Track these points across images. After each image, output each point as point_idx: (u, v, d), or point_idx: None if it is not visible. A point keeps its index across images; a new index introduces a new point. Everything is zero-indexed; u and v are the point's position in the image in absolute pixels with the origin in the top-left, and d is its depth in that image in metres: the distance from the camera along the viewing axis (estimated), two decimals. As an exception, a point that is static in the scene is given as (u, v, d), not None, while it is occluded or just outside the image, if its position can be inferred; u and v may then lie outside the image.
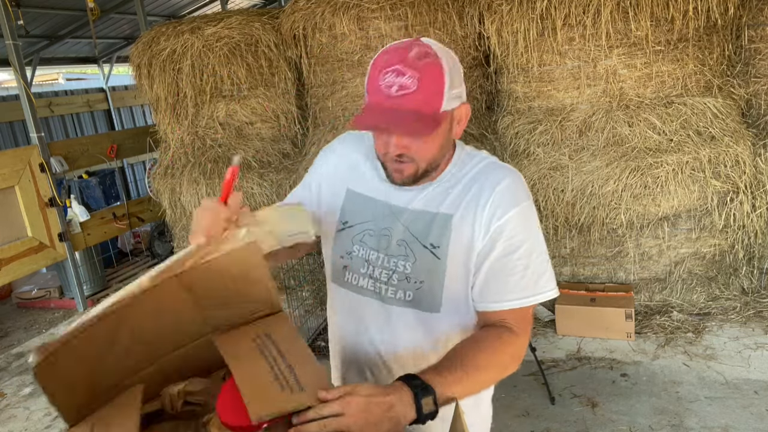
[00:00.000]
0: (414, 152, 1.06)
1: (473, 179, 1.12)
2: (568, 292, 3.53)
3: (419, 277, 1.12)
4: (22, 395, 3.63)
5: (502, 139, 3.88)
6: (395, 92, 0.99)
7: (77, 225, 5.05)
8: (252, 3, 9.64)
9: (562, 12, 3.38)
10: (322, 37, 4.04)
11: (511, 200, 1.08)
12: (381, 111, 1.01)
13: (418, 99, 0.99)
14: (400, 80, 0.99)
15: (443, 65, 1.02)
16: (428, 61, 1.00)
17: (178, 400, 0.99)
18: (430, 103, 1.00)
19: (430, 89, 1.00)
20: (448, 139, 1.09)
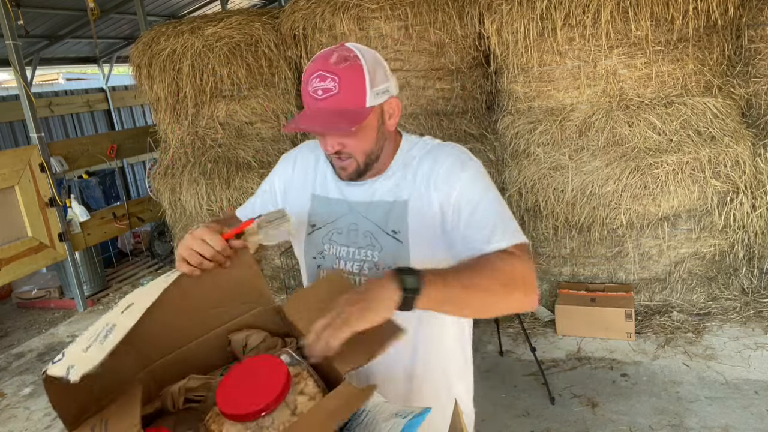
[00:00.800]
0: (350, 149, 1.15)
1: (420, 163, 1.21)
2: (568, 292, 3.53)
3: (387, 263, 1.19)
4: (22, 395, 3.63)
5: (502, 139, 3.88)
6: (320, 96, 1.09)
7: (77, 225, 5.05)
8: (252, 3, 9.64)
9: (562, 12, 3.38)
10: (322, 37, 4.04)
11: (458, 169, 1.17)
12: (309, 114, 1.11)
13: (340, 99, 1.08)
14: (323, 84, 1.09)
15: (363, 66, 1.10)
16: (347, 65, 1.09)
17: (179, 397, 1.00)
18: (352, 101, 1.09)
19: (351, 89, 1.09)
20: (382, 131, 1.18)
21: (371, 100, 1.11)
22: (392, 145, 1.23)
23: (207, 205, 4.42)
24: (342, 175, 1.21)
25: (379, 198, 1.21)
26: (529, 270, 1.09)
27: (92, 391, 0.97)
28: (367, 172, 1.20)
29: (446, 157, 1.20)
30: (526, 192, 3.61)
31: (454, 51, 3.93)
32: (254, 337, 1.09)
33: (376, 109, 1.14)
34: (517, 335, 3.49)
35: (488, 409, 2.81)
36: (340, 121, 1.08)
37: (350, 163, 1.17)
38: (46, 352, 4.26)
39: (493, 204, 1.15)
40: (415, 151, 1.23)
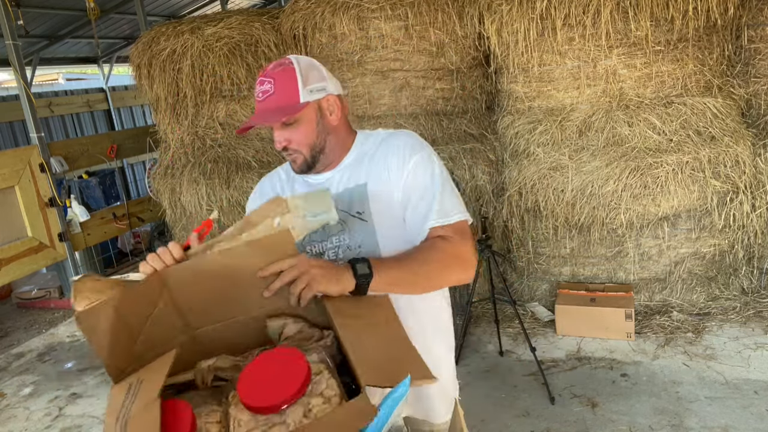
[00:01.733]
0: (294, 143, 1.30)
1: (375, 151, 1.35)
2: (568, 292, 3.54)
3: (357, 244, 1.32)
4: (22, 395, 3.63)
5: (502, 139, 3.88)
6: (261, 97, 1.26)
7: (77, 225, 5.05)
8: (252, 3, 9.64)
9: (562, 12, 3.38)
10: (322, 37, 4.04)
11: (409, 153, 1.31)
12: (256, 114, 1.28)
13: (276, 98, 1.25)
14: (262, 87, 1.26)
15: (294, 68, 1.26)
16: (281, 68, 1.26)
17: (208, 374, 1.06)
18: (287, 98, 1.25)
19: (284, 88, 1.25)
20: (322, 125, 1.31)
21: (305, 97, 1.26)
22: (341, 139, 1.36)
23: (207, 205, 4.42)
24: (294, 167, 1.35)
25: (343, 187, 1.34)
26: (462, 248, 1.27)
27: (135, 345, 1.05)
28: (315, 165, 1.33)
29: (398, 142, 1.33)
30: (526, 192, 3.61)
31: (454, 51, 3.93)
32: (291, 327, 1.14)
33: (312, 104, 1.28)
34: (517, 335, 3.49)
35: (488, 409, 2.82)
36: (275, 115, 1.24)
37: (297, 156, 1.31)
38: (46, 352, 4.26)
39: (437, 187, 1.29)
40: (370, 142, 1.37)
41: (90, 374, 3.79)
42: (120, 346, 1.03)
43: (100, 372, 3.81)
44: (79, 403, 3.43)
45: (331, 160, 1.35)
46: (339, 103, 1.32)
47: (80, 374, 3.81)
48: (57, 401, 3.49)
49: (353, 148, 1.37)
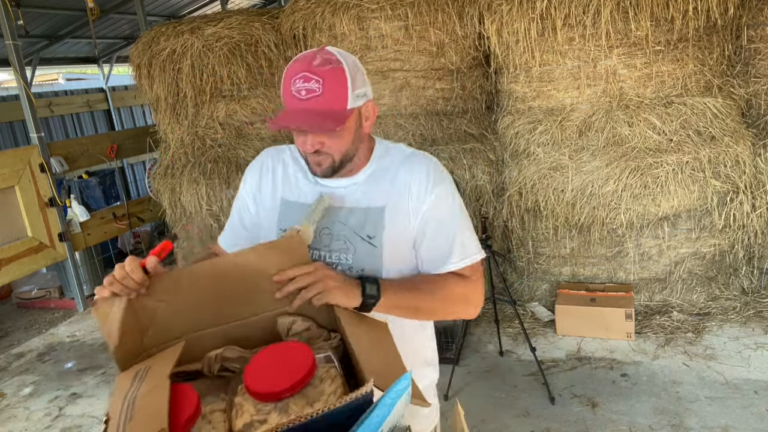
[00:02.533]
0: (328, 147, 1.20)
1: (397, 171, 1.28)
2: (568, 292, 3.53)
3: (360, 266, 1.25)
4: (22, 395, 3.63)
5: (502, 139, 3.88)
6: (304, 96, 1.14)
7: (77, 225, 5.05)
8: (252, 3, 9.64)
9: (562, 12, 3.38)
10: (322, 37, 4.04)
11: (432, 184, 1.25)
12: (293, 113, 1.16)
13: (324, 100, 1.14)
14: (307, 85, 1.13)
15: (345, 69, 1.16)
16: (331, 67, 1.15)
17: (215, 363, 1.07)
18: (335, 102, 1.15)
19: (334, 91, 1.14)
20: (359, 133, 1.24)
21: (352, 102, 1.17)
22: (366, 147, 1.29)
23: (207, 205, 4.42)
24: (316, 170, 1.25)
25: (354, 204, 1.27)
26: (474, 289, 1.26)
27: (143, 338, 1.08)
28: (340, 170, 1.25)
29: (422, 168, 1.27)
30: (526, 192, 3.61)
31: (454, 51, 3.93)
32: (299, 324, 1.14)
33: (356, 111, 1.20)
34: (517, 335, 3.49)
35: (488, 409, 2.82)
36: (325, 121, 1.14)
37: (326, 159, 1.22)
38: (46, 352, 4.26)
39: (457, 224, 1.26)
40: (390, 157, 1.30)
41: (90, 374, 3.79)
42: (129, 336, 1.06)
43: (100, 372, 3.81)
44: (79, 403, 3.43)
45: (353, 167, 1.28)
46: (374, 110, 1.26)
47: (80, 374, 3.81)
48: (57, 401, 3.49)
49: (372, 158, 1.30)
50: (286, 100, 1.17)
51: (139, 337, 1.09)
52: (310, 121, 1.14)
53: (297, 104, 1.15)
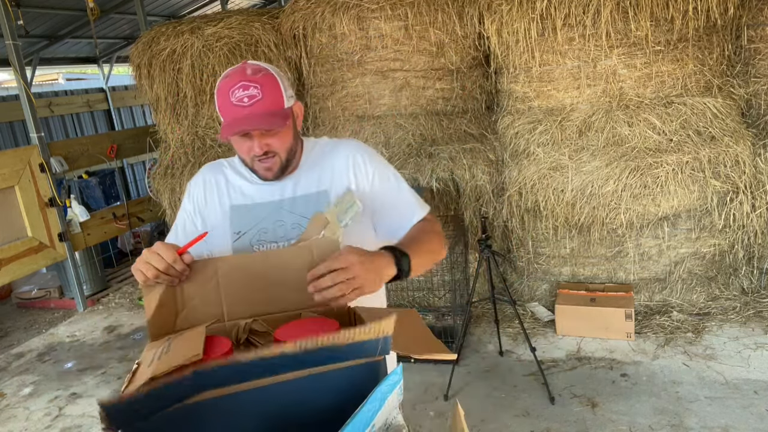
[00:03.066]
0: (275, 147, 1.30)
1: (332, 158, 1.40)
2: (568, 292, 3.53)
3: None
4: (22, 395, 3.63)
5: (502, 139, 3.88)
6: (247, 102, 1.23)
7: (77, 225, 5.05)
8: (252, 3, 9.64)
9: (562, 12, 3.38)
10: (322, 37, 4.04)
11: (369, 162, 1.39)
12: (241, 119, 1.24)
13: (266, 103, 1.24)
14: (247, 92, 1.24)
15: (274, 74, 1.28)
16: (263, 74, 1.26)
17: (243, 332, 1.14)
18: (275, 103, 1.26)
19: (272, 94, 1.26)
20: (296, 131, 1.36)
21: (287, 102, 1.29)
22: (301, 144, 1.41)
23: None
24: (267, 174, 1.34)
25: (302, 192, 1.37)
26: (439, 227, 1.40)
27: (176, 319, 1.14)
28: (288, 168, 1.36)
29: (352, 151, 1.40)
30: (526, 192, 3.61)
31: (454, 51, 3.93)
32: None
33: (290, 110, 1.31)
34: (517, 335, 3.49)
35: (488, 409, 2.82)
36: (273, 120, 1.25)
37: (275, 162, 1.32)
38: (46, 352, 4.26)
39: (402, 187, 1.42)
40: (319, 148, 1.42)
41: (90, 374, 3.79)
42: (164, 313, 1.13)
43: (100, 372, 3.81)
44: (79, 403, 3.43)
45: (294, 164, 1.39)
46: (301, 109, 1.37)
47: (80, 374, 3.81)
48: (57, 401, 3.49)
49: (304, 152, 1.41)
50: (228, 110, 1.25)
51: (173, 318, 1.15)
52: (262, 122, 1.24)
53: (241, 111, 1.23)
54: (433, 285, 3.76)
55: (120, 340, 4.30)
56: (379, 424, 0.83)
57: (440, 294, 3.74)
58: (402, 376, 0.87)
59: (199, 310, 1.16)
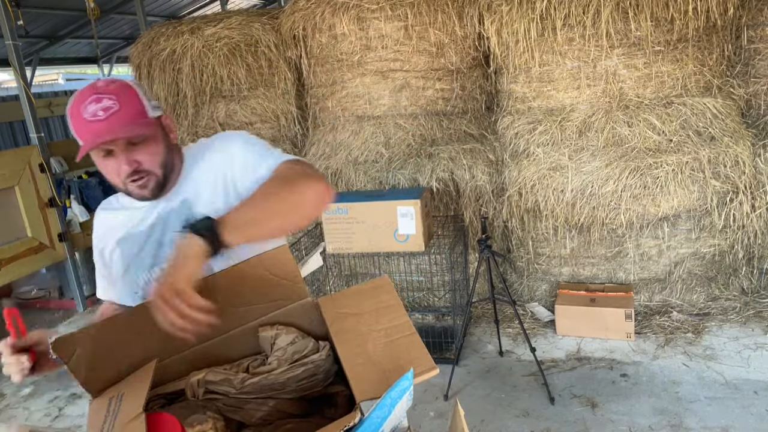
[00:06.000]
0: (146, 164, 1.18)
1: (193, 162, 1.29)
2: (568, 292, 3.54)
3: None
4: (21, 395, 3.63)
5: (502, 139, 3.88)
6: (102, 116, 1.10)
7: (77, 225, 5.05)
8: (252, 3, 9.65)
9: (562, 12, 3.38)
10: (322, 37, 4.04)
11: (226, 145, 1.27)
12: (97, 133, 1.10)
13: (124, 113, 1.12)
14: (101, 105, 1.11)
15: (129, 84, 1.17)
16: (116, 85, 1.15)
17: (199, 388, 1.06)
18: (135, 114, 1.15)
19: (130, 103, 1.14)
20: (168, 143, 1.23)
21: (151, 112, 1.18)
22: (179, 158, 1.29)
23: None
24: (143, 194, 1.21)
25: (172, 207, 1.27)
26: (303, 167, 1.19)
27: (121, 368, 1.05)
28: (167, 185, 1.24)
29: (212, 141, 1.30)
30: (526, 192, 3.61)
31: (454, 51, 3.93)
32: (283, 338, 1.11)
33: (157, 121, 1.20)
34: (516, 335, 3.49)
35: (488, 409, 2.82)
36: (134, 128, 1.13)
37: (149, 179, 1.20)
38: (46, 353, 4.25)
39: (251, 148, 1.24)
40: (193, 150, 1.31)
41: (90, 374, 3.79)
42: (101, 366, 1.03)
43: (100, 372, 3.81)
44: (78, 404, 3.43)
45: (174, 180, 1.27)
46: (173, 123, 1.27)
47: (80, 374, 3.81)
48: (57, 401, 3.49)
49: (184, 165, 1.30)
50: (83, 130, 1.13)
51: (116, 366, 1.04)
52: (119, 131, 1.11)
53: (97, 126, 1.11)
54: (433, 285, 3.76)
55: (120, 341, 4.30)
56: (388, 428, 0.82)
57: (440, 294, 3.74)
58: (412, 381, 0.86)
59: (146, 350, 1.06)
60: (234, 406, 1.06)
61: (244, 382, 1.07)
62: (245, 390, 1.06)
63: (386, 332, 1.04)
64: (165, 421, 0.91)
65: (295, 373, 1.07)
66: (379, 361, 0.98)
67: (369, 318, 1.07)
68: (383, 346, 1.01)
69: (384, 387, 0.88)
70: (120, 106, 1.12)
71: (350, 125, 4.10)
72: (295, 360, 1.09)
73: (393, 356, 0.98)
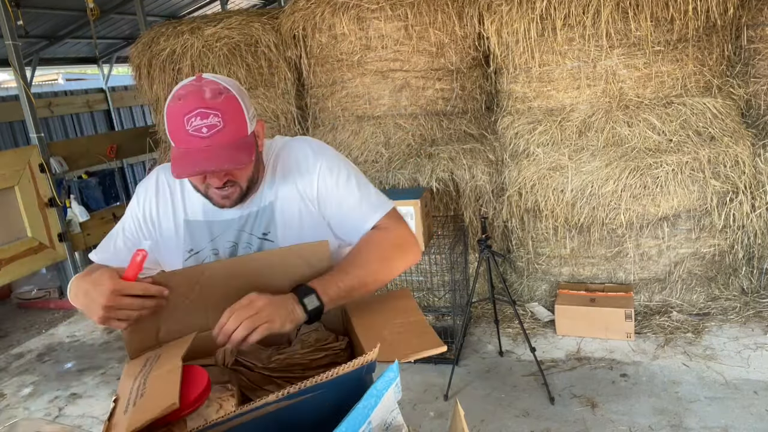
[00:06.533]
0: (237, 177, 1.17)
1: (275, 165, 1.27)
2: (568, 292, 3.53)
3: None
4: (21, 395, 3.63)
5: (502, 139, 3.88)
6: (206, 133, 1.07)
7: (77, 225, 5.05)
8: (252, 3, 9.65)
9: (562, 12, 3.38)
10: (322, 37, 4.04)
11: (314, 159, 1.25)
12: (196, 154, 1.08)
13: (227, 133, 1.09)
14: (206, 122, 1.07)
15: (236, 96, 1.12)
16: (224, 97, 1.10)
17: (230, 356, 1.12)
18: (238, 132, 1.11)
19: (234, 122, 1.10)
20: (259, 155, 1.22)
21: (251, 126, 1.15)
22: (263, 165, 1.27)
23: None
24: (225, 203, 1.20)
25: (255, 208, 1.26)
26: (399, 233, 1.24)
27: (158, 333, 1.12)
28: (248, 196, 1.23)
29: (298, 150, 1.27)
30: (526, 192, 3.61)
31: (453, 51, 3.93)
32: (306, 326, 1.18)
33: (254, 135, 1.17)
34: (516, 335, 3.49)
35: (488, 409, 2.82)
36: (237, 154, 1.09)
37: (234, 191, 1.18)
38: (46, 353, 4.25)
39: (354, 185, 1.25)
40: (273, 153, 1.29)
41: (90, 374, 3.79)
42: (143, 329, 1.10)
43: (100, 372, 3.81)
44: (78, 404, 3.43)
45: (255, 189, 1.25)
46: (262, 127, 1.23)
47: (80, 374, 3.81)
48: (57, 401, 3.49)
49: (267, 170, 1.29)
50: (181, 139, 1.10)
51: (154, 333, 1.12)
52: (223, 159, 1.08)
53: (199, 143, 1.08)
54: (433, 285, 3.76)
55: (120, 341, 4.30)
56: (376, 422, 0.82)
57: (440, 294, 3.74)
58: (398, 372, 0.87)
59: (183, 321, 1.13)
60: (255, 383, 1.12)
61: (270, 358, 1.14)
62: (270, 366, 1.13)
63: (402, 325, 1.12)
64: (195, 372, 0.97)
65: (317, 356, 1.14)
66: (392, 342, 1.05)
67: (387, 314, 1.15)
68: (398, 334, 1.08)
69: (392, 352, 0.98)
70: (224, 125, 1.08)
71: (350, 125, 4.10)
72: (318, 347, 1.16)
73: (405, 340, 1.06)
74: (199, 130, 1.08)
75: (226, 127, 1.09)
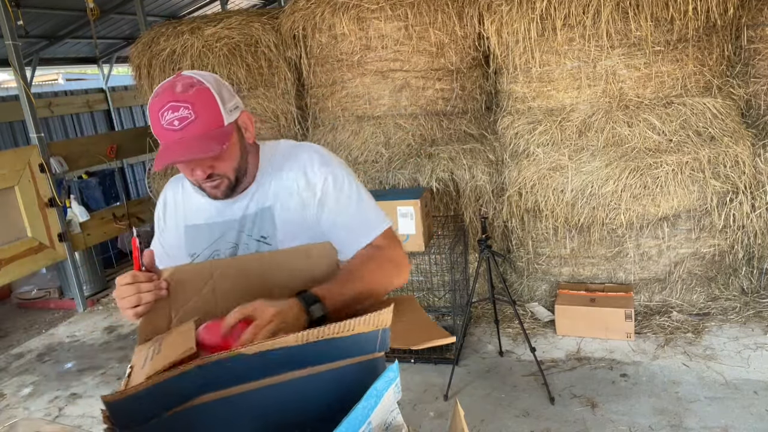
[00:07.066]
0: (220, 169, 1.20)
1: (280, 167, 1.29)
2: (568, 292, 3.53)
3: None
4: (21, 396, 3.63)
5: (502, 139, 3.88)
6: (178, 126, 1.11)
7: (77, 225, 5.05)
8: (252, 3, 9.65)
9: (562, 12, 3.38)
10: (322, 37, 4.04)
11: (319, 169, 1.27)
12: (173, 145, 1.12)
13: (200, 124, 1.12)
14: (177, 114, 1.11)
15: (208, 88, 1.15)
16: (195, 90, 1.13)
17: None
18: (211, 123, 1.13)
19: (206, 112, 1.13)
20: (244, 146, 1.24)
21: (227, 118, 1.16)
22: (254, 156, 1.29)
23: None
24: (216, 194, 1.24)
25: (256, 208, 1.28)
26: (394, 253, 1.27)
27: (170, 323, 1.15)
28: (238, 187, 1.25)
29: (306, 157, 1.29)
30: (526, 192, 3.61)
31: (454, 51, 3.93)
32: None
33: (233, 125, 1.19)
34: (516, 335, 3.49)
35: (488, 409, 2.82)
36: (208, 144, 1.12)
37: (222, 183, 1.21)
38: (46, 353, 4.25)
39: (355, 200, 1.28)
40: (277, 155, 1.31)
41: (90, 374, 3.79)
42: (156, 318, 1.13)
43: (100, 372, 3.81)
44: (78, 404, 3.43)
45: (248, 181, 1.28)
46: (250, 119, 1.25)
47: (80, 374, 3.81)
48: (57, 401, 3.49)
49: (261, 161, 1.30)
50: (159, 135, 1.14)
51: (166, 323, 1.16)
52: (193, 149, 1.11)
53: (173, 136, 1.12)
54: (433, 285, 3.75)
55: (120, 341, 4.30)
56: (376, 422, 0.83)
57: (440, 294, 3.74)
58: (398, 373, 0.87)
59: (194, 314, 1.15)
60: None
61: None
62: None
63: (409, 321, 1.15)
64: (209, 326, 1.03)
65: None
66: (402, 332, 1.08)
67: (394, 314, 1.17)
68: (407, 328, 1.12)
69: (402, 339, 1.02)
70: (196, 116, 1.11)
71: (350, 125, 4.10)
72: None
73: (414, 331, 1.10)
74: (171, 123, 1.11)
75: (198, 119, 1.11)
